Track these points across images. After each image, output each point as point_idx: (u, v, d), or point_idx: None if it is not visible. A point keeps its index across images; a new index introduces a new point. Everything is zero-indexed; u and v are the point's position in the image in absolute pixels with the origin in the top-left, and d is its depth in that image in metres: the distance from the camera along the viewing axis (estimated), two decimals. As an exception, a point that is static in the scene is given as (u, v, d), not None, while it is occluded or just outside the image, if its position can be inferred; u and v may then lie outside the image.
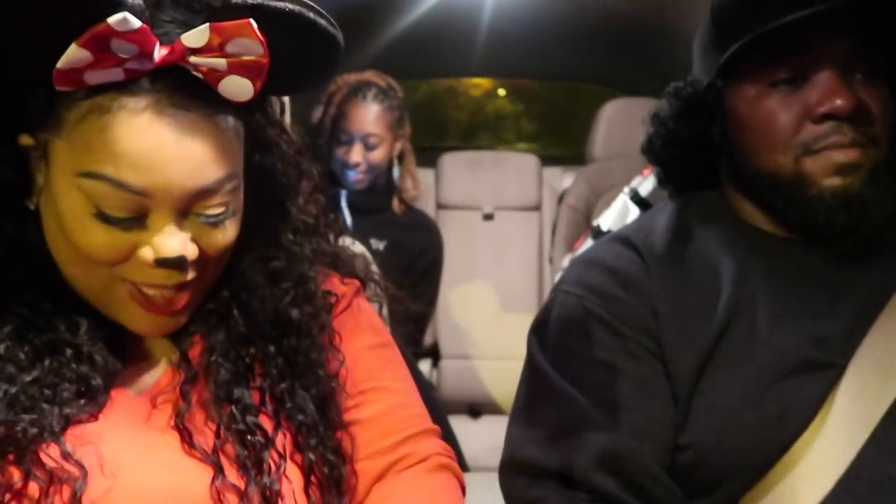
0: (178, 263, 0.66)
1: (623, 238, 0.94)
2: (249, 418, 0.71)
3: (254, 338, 0.75)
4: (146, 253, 0.66)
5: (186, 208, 0.66)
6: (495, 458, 0.91)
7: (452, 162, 2.71)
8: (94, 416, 0.68)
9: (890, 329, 0.83)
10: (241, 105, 0.67)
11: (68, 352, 0.69)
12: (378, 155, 2.14)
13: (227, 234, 0.70)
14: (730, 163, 0.94)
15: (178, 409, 0.70)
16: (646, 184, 1.51)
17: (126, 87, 0.62)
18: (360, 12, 2.32)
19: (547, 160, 2.76)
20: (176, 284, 0.68)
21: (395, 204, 2.26)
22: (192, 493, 0.67)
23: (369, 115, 2.11)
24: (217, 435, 0.70)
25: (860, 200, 0.83)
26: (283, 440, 0.72)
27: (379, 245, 2.16)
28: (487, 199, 2.64)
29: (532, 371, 0.91)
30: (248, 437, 0.70)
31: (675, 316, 0.86)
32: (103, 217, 0.64)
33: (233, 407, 0.71)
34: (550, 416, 0.87)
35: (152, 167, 0.62)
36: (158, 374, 0.74)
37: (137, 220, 0.65)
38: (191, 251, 0.67)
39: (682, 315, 0.86)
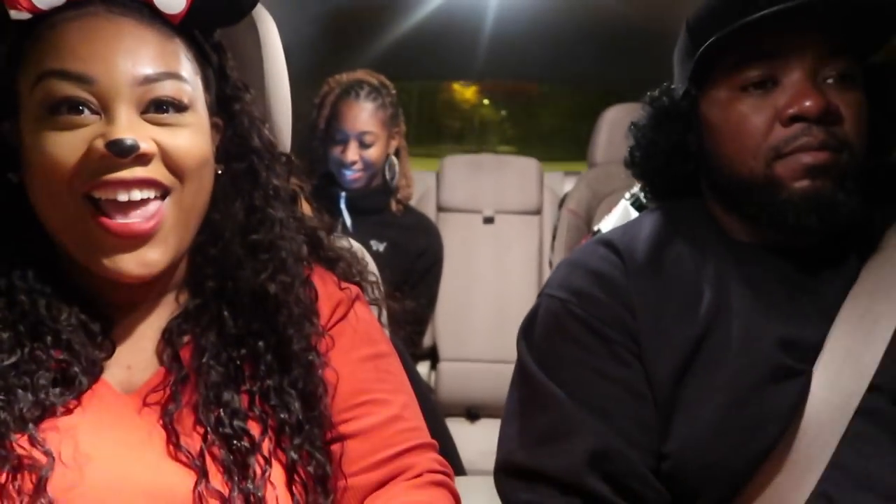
0: (130, 149, 0.66)
1: (607, 241, 0.95)
2: (237, 423, 0.71)
3: (244, 337, 0.75)
4: (98, 143, 0.66)
5: (137, 101, 0.68)
6: (492, 461, 0.91)
7: (453, 165, 2.70)
8: (72, 407, 0.68)
9: (847, 328, 0.83)
10: (197, 52, 0.75)
11: (48, 338, 0.69)
12: (374, 153, 2.14)
13: (189, 142, 0.71)
14: (706, 171, 0.94)
15: (167, 409, 0.70)
16: (647, 189, 1.51)
17: (71, 6, 0.69)
18: (364, 14, 2.33)
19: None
20: (137, 181, 0.68)
21: (393, 203, 2.27)
22: (174, 495, 0.67)
23: (363, 114, 2.12)
24: (204, 438, 0.69)
25: (830, 204, 0.83)
26: (269, 445, 0.72)
27: (379, 246, 2.16)
28: (488, 202, 2.64)
29: (522, 374, 0.91)
30: (235, 441, 0.70)
31: (653, 320, 0.87)
32: (54, 107, 0.67)
33: (221, 410, 0.71)
34: (540, 419, 0.87)
35: (93, 53, 0.67)
36: (149, 374, 0.74)
37: (89, 107, 0.67)
38: (146, 145, 0.68)
39: (659, 320, 0.87)
